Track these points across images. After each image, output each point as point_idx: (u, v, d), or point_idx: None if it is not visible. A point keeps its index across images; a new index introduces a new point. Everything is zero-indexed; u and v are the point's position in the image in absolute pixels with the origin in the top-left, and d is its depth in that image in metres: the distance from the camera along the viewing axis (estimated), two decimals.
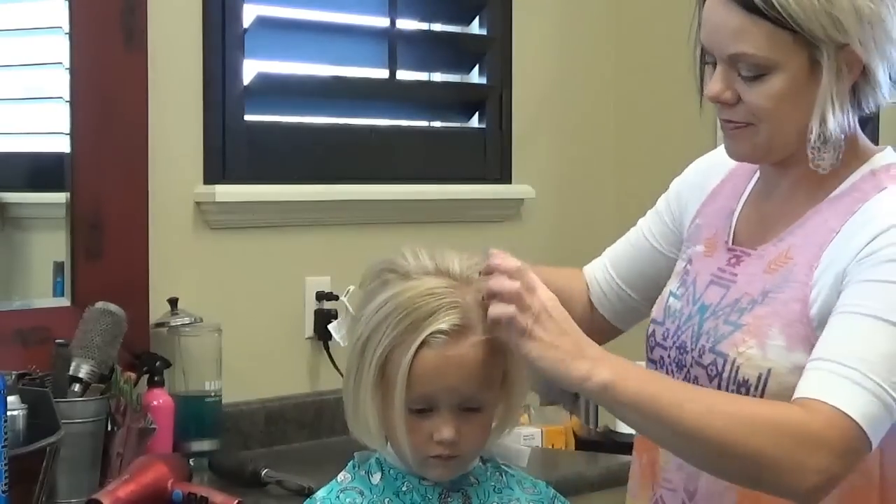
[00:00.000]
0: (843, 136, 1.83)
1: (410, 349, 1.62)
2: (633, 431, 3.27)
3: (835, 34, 1.79)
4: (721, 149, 2.01)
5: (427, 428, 1.64)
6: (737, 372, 1.83)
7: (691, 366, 1.90)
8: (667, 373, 1.95)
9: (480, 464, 1.74)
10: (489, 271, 1.68)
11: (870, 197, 1.84)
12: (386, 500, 1.69)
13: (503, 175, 3.57)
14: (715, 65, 1.86)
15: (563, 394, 2.00)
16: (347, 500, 1.69)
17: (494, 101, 3.57)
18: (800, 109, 1.83)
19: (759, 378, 1.81)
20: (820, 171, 1.84)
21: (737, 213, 1.98)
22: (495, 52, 3.58)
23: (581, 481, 2.89)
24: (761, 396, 1.80)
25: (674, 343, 1.95)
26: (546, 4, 3.69)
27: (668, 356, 1.95)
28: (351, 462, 1.73)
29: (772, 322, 1.82)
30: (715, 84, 1.84)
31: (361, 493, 1.69)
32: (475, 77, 3.60)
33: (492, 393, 1.67)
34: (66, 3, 2.74)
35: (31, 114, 2.92)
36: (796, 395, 1.73)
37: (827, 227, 1.84)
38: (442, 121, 3.59)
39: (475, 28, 3.60)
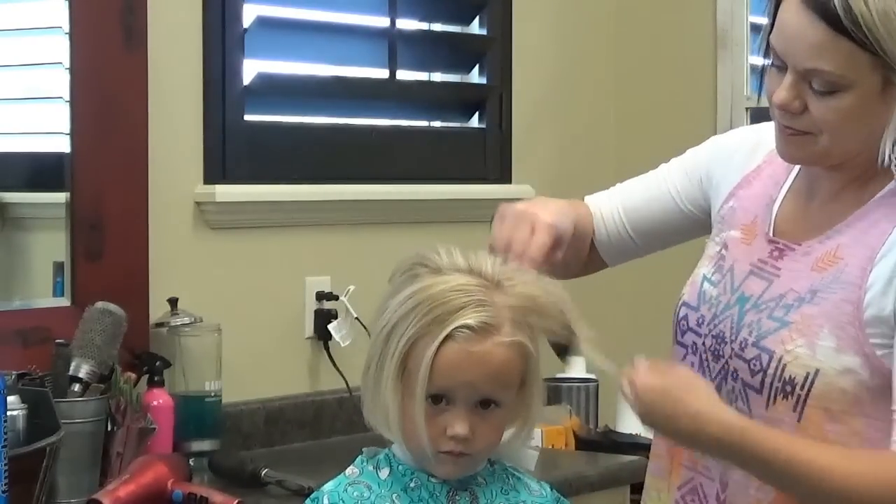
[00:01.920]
0: None
1: (436, 340, 1.62)
2: (633, 431, 3.29)
3: None
4: (759, 129, 2.02)
5: (442, 422, 1.65)
6: (783, 370, 1.84)
7: (730, 357, 1.90)
8: (700, 360, 1.95)
9: (488, 465, 1.74)
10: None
11: None
12: (394, 496, 1.69)
13: (503, 175, 3.57)
14: (780, 68, 1.83)
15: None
16: (355, 493, 1.69)
17: (494, 101, 3.58)
18: (864, 125, 1.82)
19: (806, 377, 1.82)
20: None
21: (777, 204, 1.97)
22: (495, 52, 3.58)
23: (581, 481, 2.88)
24: (807, 396, 1.82)
25: (710, 331, 1.94)
26: (546, 4, 3.69)
27: (703, 344, 1.94)
28: (360, 456, 1.73)
29: (822, 322, 1.83)
30: (783, 92, 1.82)
31: (369, 488, 1.69)
32: (475, 77, 3.60)
33: (509, 395, 1.68)
34: (66, 3, 2.74)
35: (31, 114, 2.92)
36: None
37: (878, 229, 1.84)
38: (442, 121, 3.59)
39: (475, 28, 3.60)
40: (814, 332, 1.83)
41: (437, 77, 3.59)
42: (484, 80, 3.59)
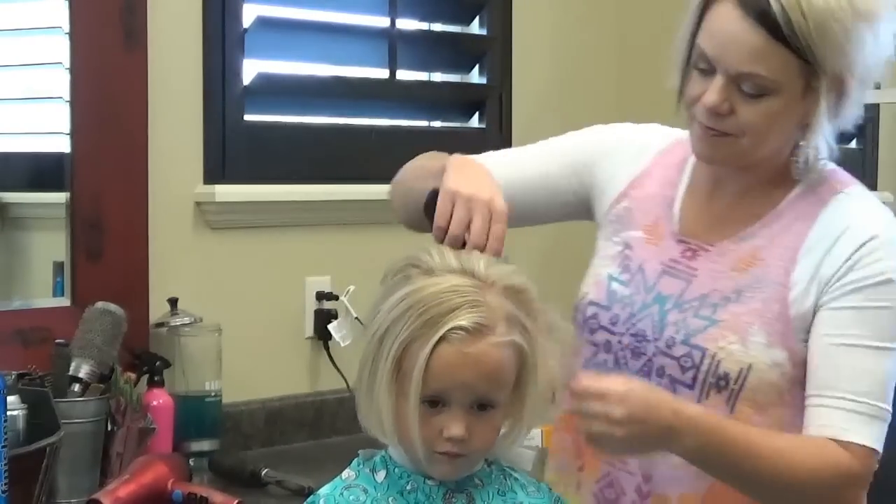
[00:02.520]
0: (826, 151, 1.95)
1: (429, 343, 1.62)
2: None
3: (841, 67, 1.87)
4: (644, 130, 2.15)
5: (438, 424, 1.65)
6: (717, 366, 1.92)
7: (654, 355, 1.97)
8: (616, 358, 2.01)
9: (485, 466, 1.74)
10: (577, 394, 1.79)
11: (827, 200, 1.96)
12: (390, 499, 1.69)
13: None
14: (706, 72, 1.91)
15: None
16: (351, 497, 1.69)
17: (494, 101, 3.58)
18: (784, 129, 1.92)
19: (739, 373, 1.91)
20: (800, 181, 1.96)
21: (678, 204, 2.05)
22: (495, 52, 3.58)
23: None
24: (740, 390, 1.91)
25: (627, 330, 2.00)
26: (546, 4, 3.69)
27: (620, 342, 2.00)
28: (356, 459, 1.73)
29: (752, 320, 1.92)
30: (714, 95, 1.89)
31: (365, 491, 1.69)
32: (475, 77, 3.60)
33: (504, 395, 1.68)
34: (66, 3, 2.74)
35: (31, 114, 2.92)
36: (832, 433, 1.88)
37: (794, 229, 1.95)
38: (442, 121, 3.59)
39: (475, 28, 3.60)
40: (744, 329, 1.92)
41: (437, 77, 3.59)
42: (484, 80, 3.59)
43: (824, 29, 1.84)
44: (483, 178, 1.88)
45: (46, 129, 2.86)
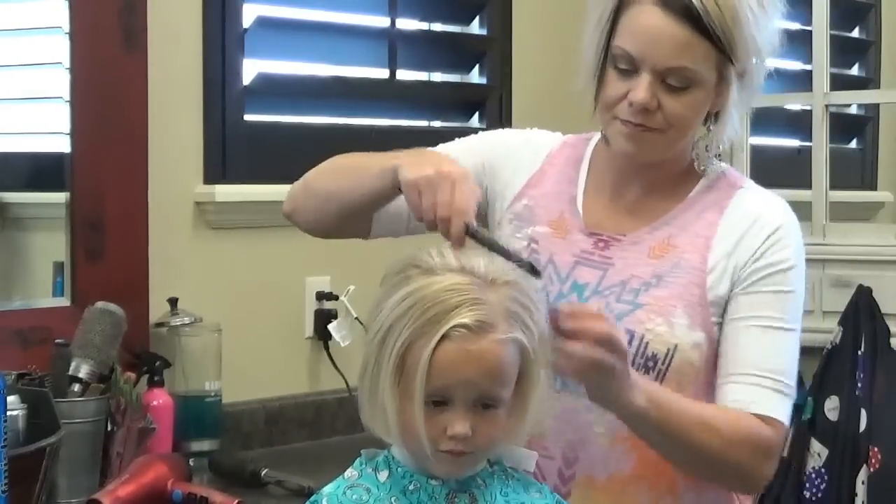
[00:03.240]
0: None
1: (432, 340, 1.63)
2: None
3: (749, 53, 1.99)
4: (534, 133, 2.22)
5: (441, 422, 1.65)
6: (646, 347, 1.99)
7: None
8: None
9: (488, 467, 1.74)
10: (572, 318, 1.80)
11: (731, 194, 2.09)
12: (392, 499, 1.69)
13: None
14: (626, 71, 1.99)
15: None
16: (354, 496, 1.69)
17: (494, 101, 3.58)
18: (700, 119, 2.03)
19: (667, 353, 1.99)
20: (700, 170, 2.09)
21: (580, 201, 2.12)
22: (495, 52, 3.58)
23: None
24: (667, 369, 2.00)
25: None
26: (546, 4, 3.69)
27: None
28: (358, 459, 1.73)
29: (675, 303, 2.02)
30: (642, 92, 1.97)
31: (368, 491, 1.69)
32: (475, 77, 3.61)
33: (507, 392, 1.68)
34: (66, 3, 2.74)
35: (31, 114, 2.92)
36: (750, 407, 1.98)
37: (704, 218, 2.07)
38: (442, 121, 3.59)
39: (475, 28, 3.60)
40: (669, 312, 2.01)
41: (437, 77, 3.60)
42: (484, 80, 3.59)
43: (737, 18, 1.96)
44: (437, 156, 1.94)
45: (46, 129, 2.86)
